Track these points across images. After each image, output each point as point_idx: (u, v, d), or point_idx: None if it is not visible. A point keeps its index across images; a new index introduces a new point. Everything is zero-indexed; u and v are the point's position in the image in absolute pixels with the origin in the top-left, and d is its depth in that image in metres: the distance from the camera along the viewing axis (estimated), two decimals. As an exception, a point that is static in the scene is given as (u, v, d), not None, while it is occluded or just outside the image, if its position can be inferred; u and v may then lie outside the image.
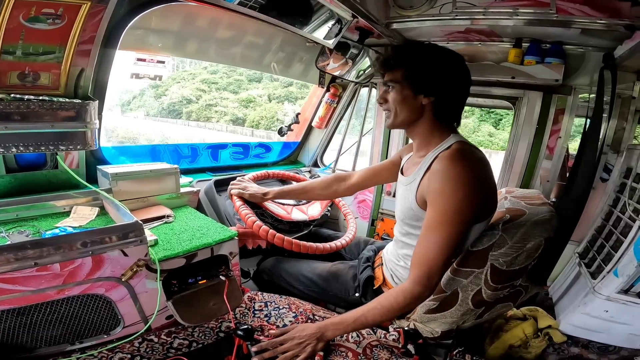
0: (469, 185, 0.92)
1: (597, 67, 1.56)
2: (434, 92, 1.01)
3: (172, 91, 24.22)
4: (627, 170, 1.55)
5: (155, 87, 24.42)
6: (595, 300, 1.29)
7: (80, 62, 1.13)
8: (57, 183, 1.29)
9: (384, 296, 0.98)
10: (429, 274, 0.93)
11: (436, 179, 0.95)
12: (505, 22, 1.50)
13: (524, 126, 1.80)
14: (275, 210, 1.53)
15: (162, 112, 24.62)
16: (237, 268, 1.25)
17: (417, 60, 1.02)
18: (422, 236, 0.96)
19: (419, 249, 0.96)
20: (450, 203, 0.92)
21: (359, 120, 2.39)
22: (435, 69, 1.00)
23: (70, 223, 1.11)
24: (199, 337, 1.09)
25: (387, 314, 0.96)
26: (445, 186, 0.93)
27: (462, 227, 0.93)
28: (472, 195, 0.92)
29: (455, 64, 1.02)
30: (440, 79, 1.00)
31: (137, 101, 25.63)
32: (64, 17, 1.01)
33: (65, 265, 0.88)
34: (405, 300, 0.94)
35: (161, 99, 24.71)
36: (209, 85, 24.00)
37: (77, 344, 0.99)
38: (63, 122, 1.06)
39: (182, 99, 23.85)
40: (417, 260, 0.95)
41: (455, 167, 0.93)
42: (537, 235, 0.95)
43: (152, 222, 1.23)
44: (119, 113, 24.13)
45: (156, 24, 1.53)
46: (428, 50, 1.04)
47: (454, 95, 1.04)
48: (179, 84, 24.46)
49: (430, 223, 0.95)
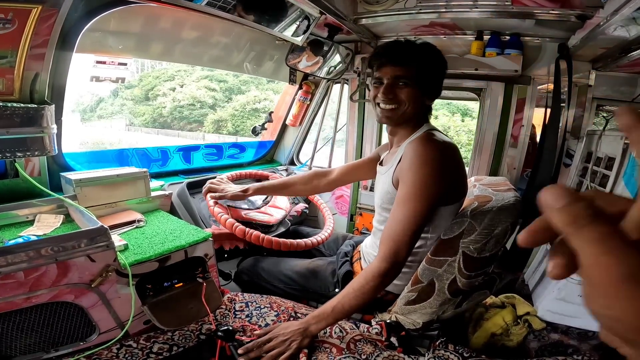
0: (434, 162, 0.96)
1: (553, 57, 1.65)
2: (434, 96, 1.08)
3: (172, 92, 20.09)
4: (588, 155, 1.63)
5: (130, 87, 20.71)
6: (569, 285, 1.35)
7: (35, 67, 1.11)
8: (19, 192, 1.23)
9: (356, 280, 0.99)
10: (396, 250, 0.95)
11: (406, 158, 1.00)
12: (467, 14, 1.55)
13: (489, 116, 1.88)
14: (261, 218, 1.53)
15: (159, 121, 20.24)
16: (214, 270, 1.23)
17: (429, 61, 1.04)
18: (392, 213, 0.99)
19: (388, 225, 0.99)
20: (416, 178, 0.96)
21: (332, 116, 2.40)
22: (440, 73, 1.07)
23: (34, 232, 1.07)
24: (179, 340, 1.06)
25: (362, 296, 0.96)
26: (413, 162, 0.97)
27: (428, 203, 0.96)
28: (437, 172, 0.96)
29: (445, 67, 1.08)
30: (441, 83, 1.08)
31: (109, 106, 21.70)
32: (14, 21, 0.99)
33: (30, 273, 0.85)
34: (374, 279, 0.95)
35: (153, 102, 20.45)
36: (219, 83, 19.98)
37: (52, 352, 0.97)
38: (18, 127, 1.03)
39: (194, 101, 19.66)
40: (385, 236, 0.98)
41: (422, 147, 0.99)
42: (504, 221, 0.98)
43: (122, 228, 1.19)
44: (86, 122, 21.40)
45: (116, 26, 1.48)
46: (435, 54, 1.07)
47: (439, 95, 1.11)
48: (173, 82, 20.33)
49: (400, 198, 0.98)
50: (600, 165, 1.47)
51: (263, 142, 2.45)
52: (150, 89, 20.80)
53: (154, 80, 20.83)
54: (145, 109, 20.96)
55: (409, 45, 1.04)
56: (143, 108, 21.04)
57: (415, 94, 1.03)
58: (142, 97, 21.05)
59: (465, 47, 1.82)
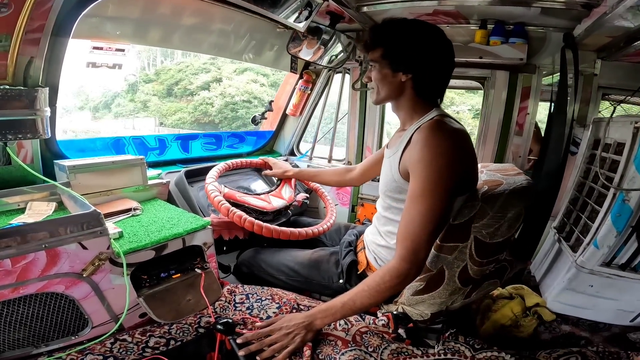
0: (449, 153, 0.91)
1: (559, 46, 1.63)
2: (412, 69, 1.00)
3: (218, 85, 16.29)
4: (595, 142, 1.61)
5: (149, 81, 16.92)
6: (580, 275, 1.32)
7: (29, 51, 1.09)
8: (11, 180, 1.19)
9: (371, 277, 0.95)
10: (415, 249, 0.90)
11: (416, 148, 0.94)
12: (470, 1, 1.53)
13: (493, 104, 1.85)
14: (256, 203, 1.47)
15: (203, 121, 16.31)
16: (213, 260, 1.19)
17: (394, 38, 1.01)
18: (406, 209, 0.94)
19: (403, 222, 0.93)
20: (431, 171, 0.90)
21: (333, 107, 2.38)
22: (412, 45, 0.99)
23: (25, 219, 1.02)
24: (176, 334, 1.02)
25: (376, 295, 0.91)
26: (425, 154, 0.91)
27: (445, 198, 0.91)
28: (453, 163, 0.91)
29: (434, 38, 1.01)
30: (417, 55, 0.99)
31: (128, 102, 17.60)
32: (10, 5, 0.97)
33: (17, 261, 0.80)
34: (392, 280, 0.90)
35: (187, 98, 16.65)
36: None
37: (42, 347, 0.93)
38: (10, 110, 1.00)
39: (250, 97, 15.83)
40: (402, 235, 0.93)
41: (434, 136, 0.92)
42: (517, 204, 0.94)
43: (117, 216, 1.16)
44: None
45: (114, 11, 1.46)
46: (405, 27, 1.02)
47: (433, 70, 1.03)
48: (208, 74, 16.47)
49: (413, 194, 0.93)
50: (610, 151, 1.45)
51: (262, 132, 2.42)
52: (175, 83, 17.76)
53: (177, 73, 17.79)
54: (175, 106, 17.55)
55: (372, 29, 1.05)
56: (173, 105, 17.61)
57: (382, 74, 1.03)
58: (164, 92, 17.93)
59: (469, 36, 1.79)
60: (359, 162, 2.24)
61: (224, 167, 1.55)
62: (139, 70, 18.66)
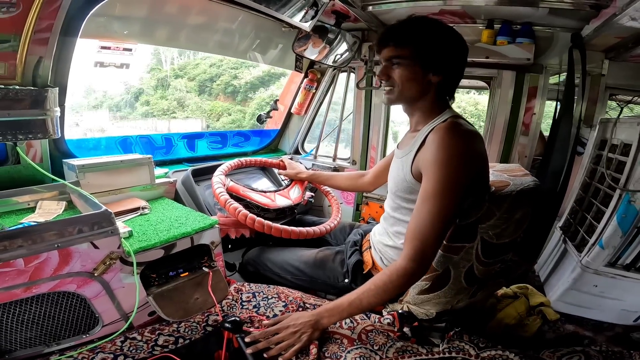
0: (463, 155, 0.91)
1: (566, 47, 1.63)
2: (444, 71, 1.00)
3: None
4: (602, 142, 1.60)
5: (178, 76, 14.31)
6: (584, 275, 1.32)
7: (38, 51, 1.09)
8: (20, 180, 1.20)
9: (378, 276, 0.95)
10: (423, 249, 0.90)
11: (431, 149, 0.94)
12: (477, 1, 1.52)
13: (499, 104, 1.84)
14: (259, 199, 1.48)
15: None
16: (220, 258, 1.20)
17: (427, 37, 0.99)
18: (416, 208, 0.94)
19: (413, 222, 0.94)
20: (445, 172, 0.90)
21: (338, 106, 2.37)
22: (446, 46, 0.99)
23: (35, 218, 1.03)
24: (185, 332, 1.03)
25: (383, 294, 0.92)
26: (440, 155, 0.91)
27: (456, 199, 0.91)
28: (466, 166, 0.91)
29: (459, 40, 1.01)
30: (450, 57, 0.99)
31: (158, 99, 14.96)
32: (18, 5, 0.97)
33: (30, 261, 0.81)
34: (399, 279, 0.90)
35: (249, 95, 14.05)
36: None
37: (54, 346, 0.94)
38: (20, 110, 1.00)
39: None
40: (410, 234, 0.93)
41: (450, 138, 0.92)
42: (524, 205, 0.94)
43: (126, 215, 1.16)
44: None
45: (121, 10, 1.46)
46: (435, 27, 1.01)
47: (459, 72, 1.04)
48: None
49: (425, 194, 0.93)
50: (616, 152, 1.44)
51: (267, 131, 2.42)
52: (209, 79, 15.84)
53: (209, 68, 15.80)
54: (226, 106, 15.06)
55: (403, 24, 1.00)
56: (225, 104, 15.06)
57: (409, 73, 0.99)
58: (195, 89, 15.89)
59: (475, 36, 1.78)
60: (363, 161, 2.24)
61: (237, 163, 1.55)
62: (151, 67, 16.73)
